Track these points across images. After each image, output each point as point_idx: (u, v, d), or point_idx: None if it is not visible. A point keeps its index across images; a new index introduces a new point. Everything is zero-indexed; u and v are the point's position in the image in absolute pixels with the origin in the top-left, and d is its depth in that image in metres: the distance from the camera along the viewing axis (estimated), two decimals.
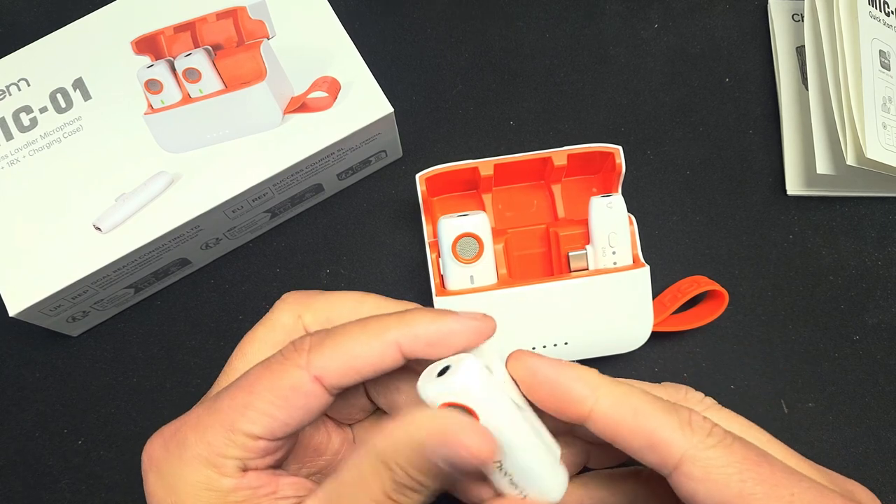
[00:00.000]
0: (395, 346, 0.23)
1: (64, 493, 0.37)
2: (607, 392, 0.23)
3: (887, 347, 0.39)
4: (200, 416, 0.24)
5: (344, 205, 0.41)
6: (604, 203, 0.35)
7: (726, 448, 0.23)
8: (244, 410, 0.23)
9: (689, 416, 0.23)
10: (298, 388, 0.23)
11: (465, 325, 0.24)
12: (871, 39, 0.40)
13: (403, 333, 0.23)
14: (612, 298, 0.35)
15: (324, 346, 0.23)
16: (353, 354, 0.23)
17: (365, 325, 0.24)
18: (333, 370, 0.23)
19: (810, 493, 0.23)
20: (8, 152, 0.36)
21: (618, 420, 0.23)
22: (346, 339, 0.23)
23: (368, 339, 0.23)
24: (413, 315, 0.24)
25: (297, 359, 0.23)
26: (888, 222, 0.41)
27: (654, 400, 0.23)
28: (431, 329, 0.23)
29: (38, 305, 0.34)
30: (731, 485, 0.22)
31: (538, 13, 0.45)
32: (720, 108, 0.43)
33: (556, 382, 0.23)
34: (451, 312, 0.24)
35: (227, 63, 0.37)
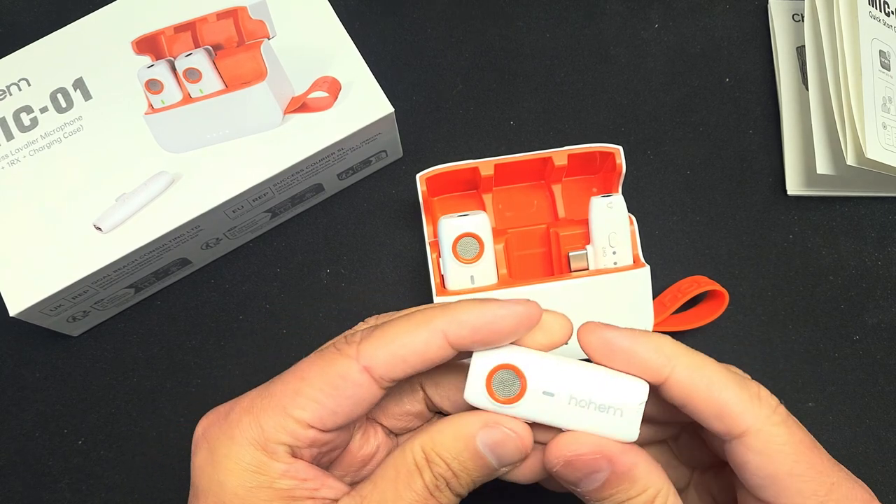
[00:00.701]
0: (440, 334, 0.24)
1: (64, 493, 0.37)
2: (684, 362, 0.24)
3: (887, 347, 0.39)
4: (254, 399, 0.25)
5: (344, 205, 0.41)
6: (604, 203, 0.35)
7: (788, 428, 0.24)
8: (295, 396, 0.24)
9: (758, 390, 0.25)
10: (347, 376, 0.24)
11: (510, 310, 0.24)
12: (871, 39, 0.40)
13: (449, 321, 0.24)
14: (612, 298, 0.35)
15: (373, 338, 0.24)
16: (401, 344, 0.24)
17: (411, 317, 0.24)
18: (382, 360, 0.24)
19: (847, 485, 0.24)
20: (8, 152, 0.36)
21: (692, 389, 0.24)
22: (393, 329, 0.24)
23: (414, 329, 0.24)
24: (458, 304, 0.24)
25: (348, 349, 0.24)
26: (888, 222, 0.41)
27: (727, 373, 0.25)
28: (476, 315, 0.24)
29: (39, 305, 0.34)
30: (785, 462, 0.24)
31: (538, 13, 0.45)
32: (720, 108, 0.43)
33: (633, 352, 0.24)
34: (495, 300, 0.24)
35: (227, 63, 0.37)
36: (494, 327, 0.24)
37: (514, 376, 0.24)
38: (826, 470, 0.24)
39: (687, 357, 0.24)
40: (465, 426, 0.24)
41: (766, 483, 0.24)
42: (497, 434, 0.24)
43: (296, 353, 0.38)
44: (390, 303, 0.39)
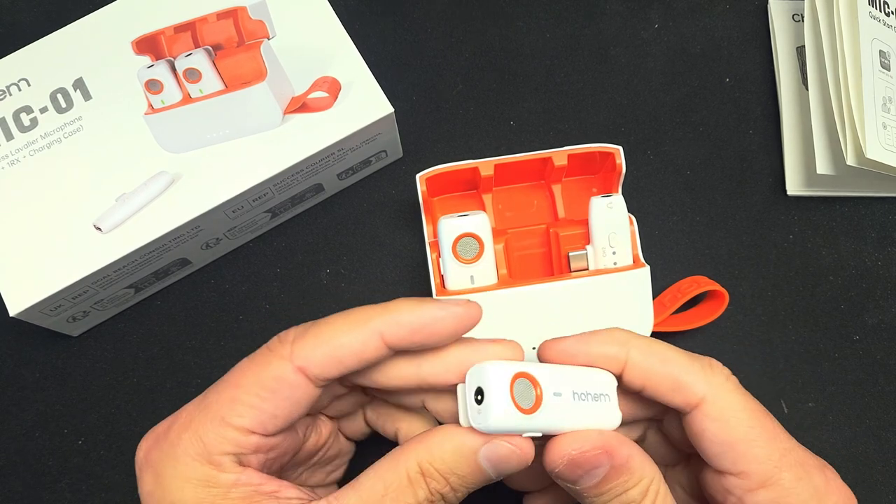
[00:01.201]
0: (377, 334, 0.23)
1: (64, 493, 0.37)
2: (637, 344, 0.26)
3: (887, 347, 0.39)
4: (191, 413, 0.24)
5: (344, 205, 0.41)
6: (604, 203, 0.35)
7: (742, 395, 0.25)
8: (232, 404, 0.23)
9: (709, 362, 0.26)
10: (282, 378, 0.23)
11: (448, 311, 0.24)
12: (871, 39, 0.40)
13: (386, 321, 0.24)
14: (612, 298, 0.35)
15: (306, 337, 0.24)
16: (336, 344, 0.23)
17: (347, 315, 0.24)
18: (317, 360, 0.23)
19: (799, 451, 0.25)
20: (8, 152, 0.36)
21: (648, 367, 0.25)
22: (328, 328, 0.24)
23: (351, 328, 0.24)
24: (396, 304, 0.24)
25: (281, 350, 0.24)
26: (888, 222, 0.41)
27: (677, 349, 0.26)
28: (415, 316, 0.24)
29: (39, 305, 0.34)
30: (740, 428, 0.25)
31: (538, 13, 0.45)
32: (720, 108, 0.43)
33: (589, 351, 0.26)
34: (434, 300, 0.24)
35: (227, 63, 0.37)
36: (433, 329, 0.24)
37: (529, 385, 0.23)
38: (779, 436, 0.25)
39: (639, 340, 0.26)
40: (467, 442, 0.23)
41: (724, 449, 0.25)
42: (501, 449, 0.23)
43: None
44: None
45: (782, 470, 0.24)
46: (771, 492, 0.24)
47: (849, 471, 0.37)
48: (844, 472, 0.37)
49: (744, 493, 0.25)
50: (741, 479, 0.25)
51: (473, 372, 0.23)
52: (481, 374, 0.23)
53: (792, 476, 0.24)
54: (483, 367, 0.23)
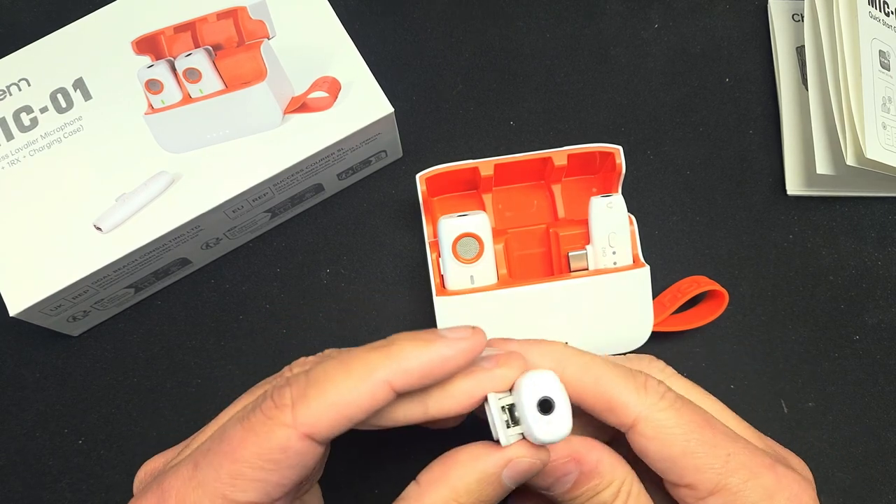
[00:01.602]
0: (385, 384, 0.22)
1: (64, 493, 0.37)
2: (572, 362, 0.25)
3: (887, 347, 0.39)
4: (183, 492, 0.22)
5: (344, 205, 0.41)
6: (604, 203, 0.35)
7: (676, 411, 0.25)
8: (233, 481, 0.22)
9: (644, 381, 0.25)
10: (288, 448, 0.21)
11: (456, 349, 0.23)
12: (871, 39, 0.40)
13: (393, 370, 0.22)
14: (612, 298, 0.35)
15: (308, 398, 0.22)
16: (343, 402, 0.21)
17: (348, 367, 0.22)
18: (323, 423, 0.21)
19: (745, 453, 0.25)
20: (8, 152, 0.36)
21: (582, 386, 0.25)
22: (331, 386, 0.22)
23: (356, 384, 0.22)
24: (399, 347, 0.22)
25: (281, 416, 0.21)
26: (888, 222, 0.41)
27: (614, 367, 0.25)
28: (423, 361, 0.22)
29: (39, 305, 0.34)
30: (677, 444, 0.25)
31: (538, 13, 0.45)
32: (720, 108, 0.43)
33: (524, 359, 0.25)
34: (437, 335, 0.23)
35: (227, 63, 0.37)
36: (442, 369, 0.23)
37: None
38: (720, 443, 0.25)
39: (575, 357, 0.25)
40: (489, 468, 0.23)
41: (667, 465, 0.25)
42: (523, 465, 0.24)
43: (296, 353, 0.38)
44: (390, 303, 0.40)
45: (728, 475, 0.24)
46: (720, 498, 0.24)
47: (849, 471, 0.37)
48: (844, 471, 0.37)
49: (696, 501, 0.25)
50: (690, 489, 0.25)
51: (534, 383, 0.23)
52: (548, 385, 0.23)
53: (738, 479, 0.24)
54: (548, 376, 0.23)
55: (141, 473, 0.26)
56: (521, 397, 0.23)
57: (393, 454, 0.36)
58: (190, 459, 0.23)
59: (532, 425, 0.23)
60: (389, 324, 0.39)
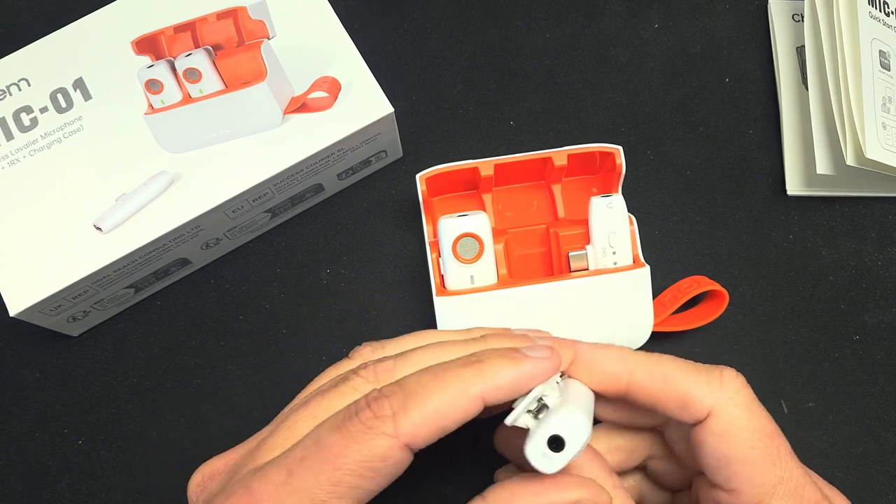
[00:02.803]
0: (478, 399, 0.23)
1: (64, 493, 0.37)
2: (639, 365, 0.26)
3: (887, 347, 0.39)
4: (277, 497, 0.22)
5: (344, 205, 0.41)
6: (604, 203, 0.35)
7: (750, 412, 0.25)
8: (332, 488, 0.22)
9: (720, 374, 0.25)
10: (388, 456, 0.22)
11: (542, 367, 0.24)
12: (871, 39, 0.40)
13: (486, 386, 0.23)
14: (612, 298, 0.35)
15: (409, 410, 0.22)
16: (441, 415, 0.23)
17: (444, 381, 0.23)
18: (422, 434, 0.22)
19: (798, 481, 0.25)
20: (8, 152, 0.36)
21: (652, 387, 0.25)
22: (430, 399, 0.23)
23: (453, 398, 0.23)
24: (492, 366, 0.24)
25: (382, 426, 0.22)
26: (888, 222, 0.41)
27: (682, 364, 0.26)
28: (514, 377, 0.24)
29: (39, 305, 0.34)
30: (739, 447, 0.24)
31: (538, 13, 0.45)
32: (720, 108, 0.43)
33: (594, 363, 0.26)
34: (522, 354, 0.24)
35: (227, 63, 0.37)
36: (527, 386, 0.24)
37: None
38: (780, 462, 0.25)
39: (643, 360, 0.26)
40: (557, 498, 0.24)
41: (721, 465, 0.25)
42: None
43: (295, 353, 0.39)
44: (390, 303, 0.40)
45: (774, 497, 0.24)
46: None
47: (849, 471, 0.37)
48: (844, 471, 0.37)
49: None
50: (731, 496, 0.25)
51: (558, 422, 0.23)
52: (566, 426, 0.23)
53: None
54: (574, 419, 0.23)
55: (199, 477, 0.26)
56: (542, 425, 0.23)
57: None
58: (280, 465, 0.23)
59: (535, 448, 0.23)
60: (389, 324, 0.39)
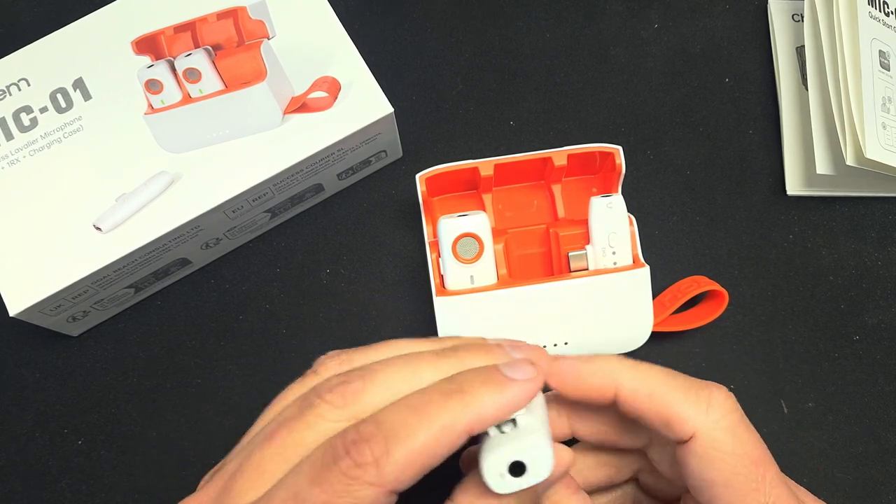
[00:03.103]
0: (465, 434, 0.22)
1: (64, 493, 0.37)
2: (627, 377, 0.25)
3: (887, 347, 0.39)
4: None
5: (344, 205, 0.41)
6: (604, 203, 0.35)
7: (735, 436, 0.24)
8: None
9: (709, 394, 0.24)
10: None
11: (527, 390, 0.23)
12: (871, 39, 0.40)
13: (473, 420, 0.22)
14: (612, 298, 0.35)
15: (392, 454, 0.21)
16: (426, 454, 0.21)
17: (428, 418, 0.22)
18: (408, 477, 0.21)
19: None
20: (8, 152, 0.36)
21: (637, 404, 0.25)
22: (413, 439, 0.21)
23: (438, 436, 0.22)
24: (475, 396, 0.22)
25: (365, 475, 0.21)
26: (888, 222, 0.41)
27: (670, 381, 0.25)
28: (500, 405, 0.23)
29: (39, 305, 0.34)
30: (722, 472, 0.24)
31: (538, 13, 0.45)
32: (720, 108, 0.43)
33: (579, 377, 0.25)
34: (506, 378, 0.23)
35: (227, 63, 0.37)
36: (515, 410, 0.23)
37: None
38: (764, 489, 0.24)
39: (630, 371, 0.25)
40: None
41: (703, 487, 0.24)
42: None
43: (296, 353, 0.39)
44: (390, 303, 0.40)
45: None
46: None
47: (849, 471, 0.37)
48: (844, 471, 0.37)
49: None
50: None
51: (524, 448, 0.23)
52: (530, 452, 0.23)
53: None
54: (535, 444, 0.23)
55: None
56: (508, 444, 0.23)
57: None
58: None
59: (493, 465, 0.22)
60: (389, 324, 0.39)
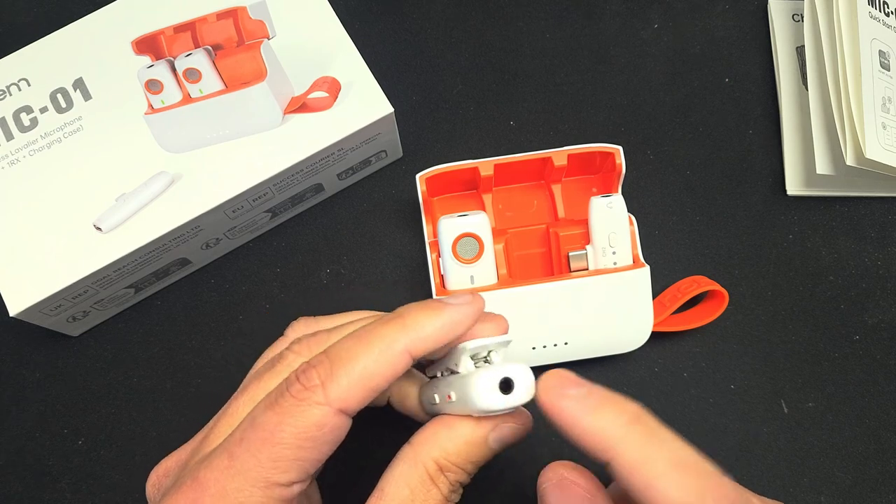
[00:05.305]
0: (405, 354, 0.23)
1: (64, 493, 0.37)
2: (626, 451, 0.22)
3: (887, 347, 0.39)
4: (222, 482, 0.22)
5: (344, 205, 0.41)
6: (604, 203, 0.35)
7: None
8: (274, 464, 0.22)
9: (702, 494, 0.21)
10: (324, 424, 0.22)
11: (463, 312, 0.24)
12: (871, 40, 0.40)
13: (411, 340, 0.23)
14: (612, 298, 0.35)
15: (336, 376, 0.23)
16: (369, 375, 0.23)
17: (369, 342, 0.23)
18: (354, 397, 0.23)
19: None
20: (8, 152, 0.36)
21: (631, 484, 0.22)
22: (356, 362, 0.23)
23: (379, 357, 0.23)
24: (413, 318, 0.24)
25: (313, 396, 0.22)
26: (888, 222, 0.41)
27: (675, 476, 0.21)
28: (437, 326, 0.24)
29: (39, 305, 0.34)
30: None
31: (538, 13, 0.45)
32: (720, 108, 0.43)
33: (582, 430, 0.22)
34: (443, 303, 0.24)
35: (227, 63, 0.37)
36: (452, 334, 0.24)
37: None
38: None
39: (632, 447, 0.22)
40: (478, 431, 0.24)
41: None
42: (507, 430, 0.25)
43: None
44: (390, 303, 0.39)
45: None
46: None
47: (849, 471, 0.37)
48: (844, 471, 0.37)
49: None
50: None
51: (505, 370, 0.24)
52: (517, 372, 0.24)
53: None
54: (519, 368, 0.24)
55: (154, 477, 0.26)
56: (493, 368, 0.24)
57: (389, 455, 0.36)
58: (222, 450, 0.23)
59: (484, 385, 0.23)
60: None
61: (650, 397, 0.38)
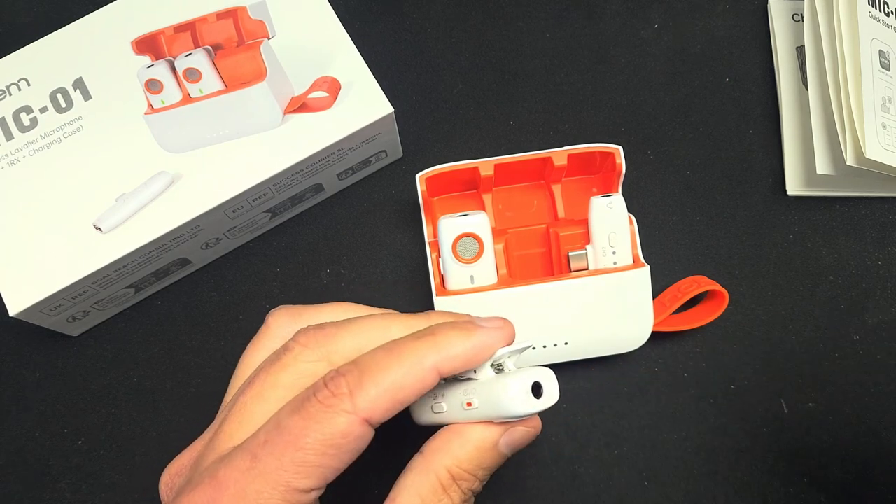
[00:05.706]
0: (433, 371, 0.23)
1: (64, 493, 0.37)
2: None
3: (887, 347, 0.39)
4: (242, 483, 0.22)
5: (344, 205, 0.41)
6: (604, 203, 0.35)
7: None
8: (297, 468, 0.22)
9: None
10: (349, 433, 0.22)
11: (494, 337, 0.25)
12: (871, 39, 0.40)
13: (441, 358, 0.24)
14: (612, 298, 0.35)
15: (365, 386, 0.23)
16: (397, 388, 0.23)
17: (400, 356, 0.24)
18: (380, 409, 0.23)
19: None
20: (8, 152, 0.36)
21: None
22: (386, 374, 0.23)
23: (408, 371, 0.23)
24: (445, 337, 0.24)
25: (341, 404, 0.23)
26: (888, 222, 0.41)
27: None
28: (468, 347, 0.24)
29: (39, 305, 0.34)
30: None
31: (538, 13, 0.45)
32: (720, 108, 0.43)
33: None
34: (475, 325, 0.25)
35: (227, 63, 0.37)
36: (481, 357, 0.24)
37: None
38: None
39: None
40: (488, 437, 0.25)
41: None
42: (518, 433, 0.25)
43: None
44: (390, 303, 0.39)
45: None
46: None
47: (849, 471, 0.37)
48: (844, 471, 0.37)
49: None
50: None
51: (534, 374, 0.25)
52: (545, 376, 0.25)
53: None
54: (545, 372, 0.25)
55: (166, 476, 0.26)
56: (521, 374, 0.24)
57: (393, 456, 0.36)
58: (244, 451, 0.23)
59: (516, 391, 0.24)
60: None
61: (650, 397, 0.38)
